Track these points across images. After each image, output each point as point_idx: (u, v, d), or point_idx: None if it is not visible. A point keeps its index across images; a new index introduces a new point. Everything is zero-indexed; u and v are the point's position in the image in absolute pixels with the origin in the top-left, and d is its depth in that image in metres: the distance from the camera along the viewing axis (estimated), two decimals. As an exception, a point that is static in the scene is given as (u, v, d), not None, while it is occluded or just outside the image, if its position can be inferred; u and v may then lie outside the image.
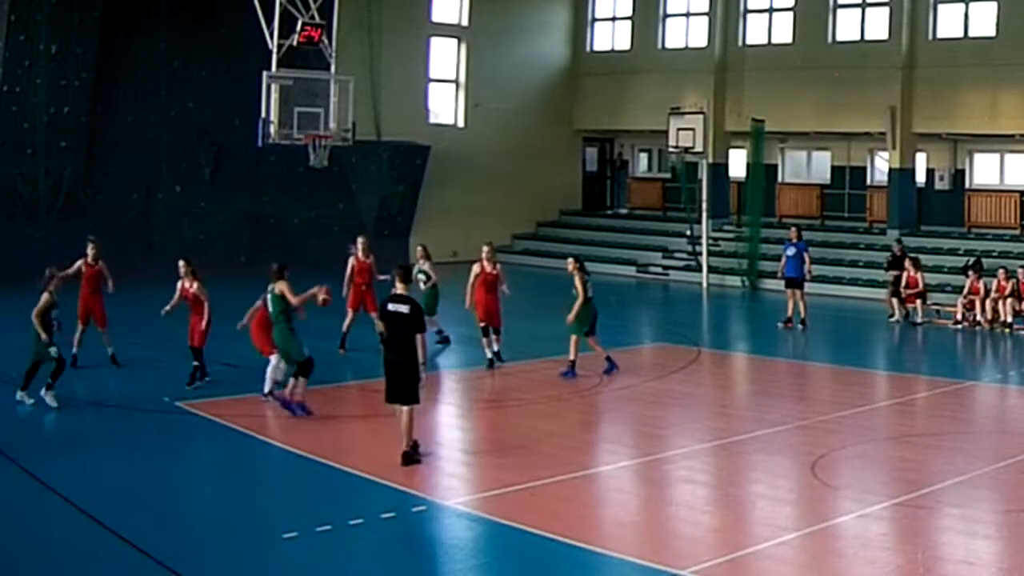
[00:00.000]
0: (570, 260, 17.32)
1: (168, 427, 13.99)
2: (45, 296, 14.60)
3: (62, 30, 26.07)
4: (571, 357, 16.98)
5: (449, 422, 15.14)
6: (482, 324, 17.68)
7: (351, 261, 18.58)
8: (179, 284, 15.96)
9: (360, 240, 18.90)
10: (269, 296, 14.61)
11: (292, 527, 10.01)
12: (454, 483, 11.98)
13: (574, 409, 15.43)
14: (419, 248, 19.54)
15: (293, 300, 14.41)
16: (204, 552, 9.61)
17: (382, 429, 13.33)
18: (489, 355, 17.55)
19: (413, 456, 12.14)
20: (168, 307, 16.02)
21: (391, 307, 12.23)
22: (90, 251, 17.65)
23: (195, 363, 15.83)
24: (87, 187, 27.63)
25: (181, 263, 16.01)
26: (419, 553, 10.05)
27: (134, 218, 28.31)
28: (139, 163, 28.49)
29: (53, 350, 14.52)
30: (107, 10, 26.81)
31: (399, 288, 12.32)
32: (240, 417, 14.08)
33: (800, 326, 22.26)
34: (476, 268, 17.79)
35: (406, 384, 12.10)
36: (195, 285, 15.85)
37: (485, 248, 18.06)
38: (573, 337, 16.96)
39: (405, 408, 12.11)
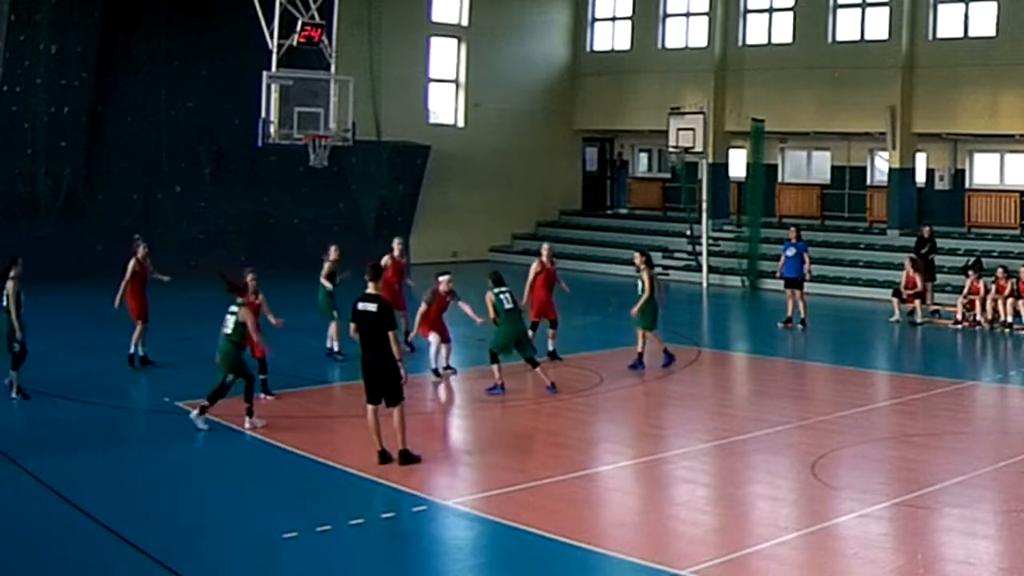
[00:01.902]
0: (637, 255, 18.03)
1: (168, 427, 13.98)
2: (248, 309, 13.72)
3: (62, 30, 26.07)
4: (639, 350, 17.69)
5: (449, 422, 15.14)
6: (534, 320, 18.10)
7: (385, 259, 18.39)
8: (247, 298, 14.81)
9: (397, 241, 19.39)
10: (503, 297, 15.72)
11: (292, 527, 10.01)
12: (454, 483, 11.99)
13: (574, 409, 15.43)
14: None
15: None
16: (204, 552, 9.61)
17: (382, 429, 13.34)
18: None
19: (411, 455, 12.15)
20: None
21: (360, 306, 12.23)
22: (141, 250, 17.48)
23: (263, 376, 15.20)
24: (87, 187, 27.65)
25: (250, 276, 15.23)
26: (419, 553, 10.04)
27: (134, 218, 28.28)
28: (139, 163, 28.50)
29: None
30: (107, 10, 26.82)
31: (370, 287, 12.31)
32: (240, 417, 14.07)
33: (800, 326, 22.27)
34: (536, 266, 18.23)
35: (386, 383, 12.06)
36: (261, 297, 15.46)
37: (545, 247, 18.69)
38: (639, 330, 17.67)
39: (395, 409, 12.07)
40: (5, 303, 14.54)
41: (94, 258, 26.89)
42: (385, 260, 18.47)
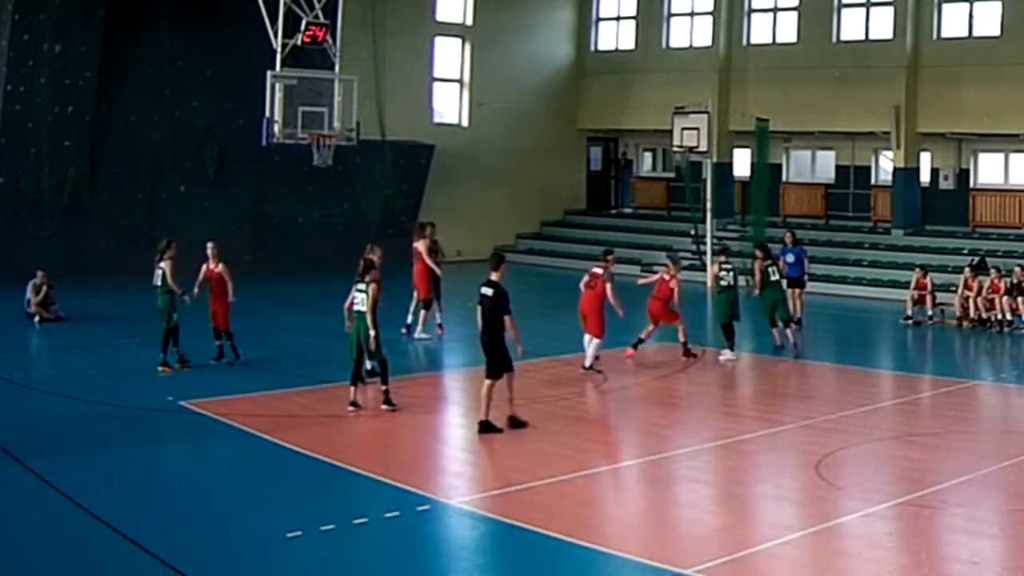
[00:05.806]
0: (757, 250, 20.08)
1: (172, 426, 13.99)
2: (375, 287, 14.29)
3: (66, 30, 26.09)
4: (778, 341, 19.91)
5: (453, 421, 15.14)
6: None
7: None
8: (204, 267, 17.04)
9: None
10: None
11: (296, 526, 10.00)
12: (458, 482, 11.98)
13: (577, 408, 15.43)
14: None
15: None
16: (208, 550, 9.61)
17: (386, 428, 13.36)
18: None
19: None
20: (196, 290, 16.89)
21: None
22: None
23: (219, 343, 16.97)
24: (91, 186, 27.66)
25: (210, 245, 17.20)
26: (423, 552, 10.03)
27: (138, 217, 28.32)
28: (143, 162, 28.50)
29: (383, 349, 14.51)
30: (111, 9, 26.83)
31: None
32: (244, 416, 14.08)
33: (795, 325, 22.21)
34: (667, 277, 18.91)
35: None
36: (221, 266, 17.00)
37: (671, 262, 19.32)
38: (768, 320, 19.93)
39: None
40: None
41: (98, 257, 26.95)
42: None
